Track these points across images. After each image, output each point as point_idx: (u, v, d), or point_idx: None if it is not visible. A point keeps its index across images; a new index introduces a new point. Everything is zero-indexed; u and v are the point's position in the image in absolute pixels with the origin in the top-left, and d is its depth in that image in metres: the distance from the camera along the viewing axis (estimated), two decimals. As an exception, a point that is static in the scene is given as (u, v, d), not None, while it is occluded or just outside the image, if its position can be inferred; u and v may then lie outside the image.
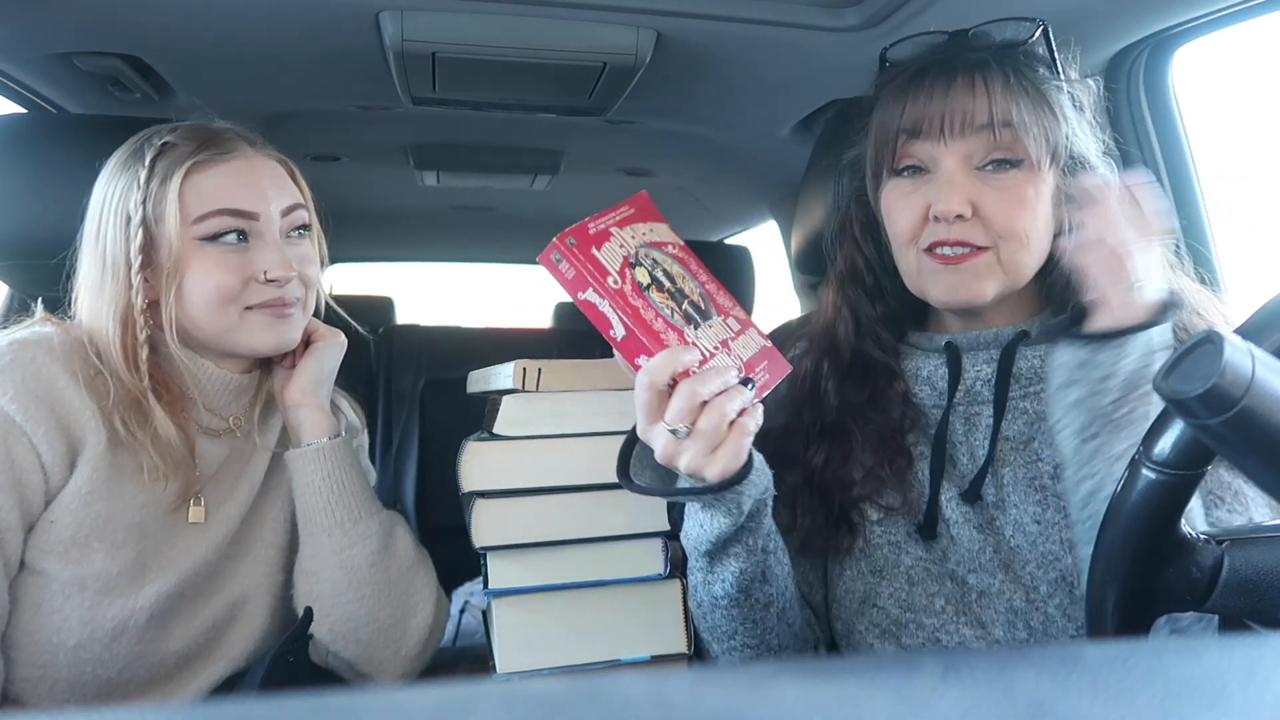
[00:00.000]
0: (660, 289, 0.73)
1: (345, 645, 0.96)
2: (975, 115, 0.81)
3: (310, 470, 0.96)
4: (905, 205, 0.85)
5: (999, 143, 0.81)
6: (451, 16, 1.15)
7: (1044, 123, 0.82)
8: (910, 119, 0.83)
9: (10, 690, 0.87)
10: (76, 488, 0.86)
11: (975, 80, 0.81)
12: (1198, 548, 0.55)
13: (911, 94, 0.83)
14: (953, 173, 0.82)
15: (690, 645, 0.91)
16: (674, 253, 0.78)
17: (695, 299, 0.76)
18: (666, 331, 0.71)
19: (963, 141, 0.82)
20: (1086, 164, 0.85)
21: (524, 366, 0.86)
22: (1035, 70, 0.84)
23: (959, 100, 0.81)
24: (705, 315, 0.75)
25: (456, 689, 0.22)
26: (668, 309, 0.73)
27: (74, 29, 1.21)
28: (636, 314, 0.70)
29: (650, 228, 0.78)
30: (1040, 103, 0.82)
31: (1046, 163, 0.82)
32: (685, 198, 2.51)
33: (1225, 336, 0.43)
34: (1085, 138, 0.86)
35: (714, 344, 0.74)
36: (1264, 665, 0.24)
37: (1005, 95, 0.81)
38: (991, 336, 0.89)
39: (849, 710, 0.21)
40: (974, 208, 0.81)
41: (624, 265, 0.72)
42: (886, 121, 0.85)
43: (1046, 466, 0.84)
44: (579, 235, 0.70)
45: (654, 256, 0.75)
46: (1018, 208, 0.82)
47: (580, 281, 0.70)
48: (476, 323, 2.62)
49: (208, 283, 0.90)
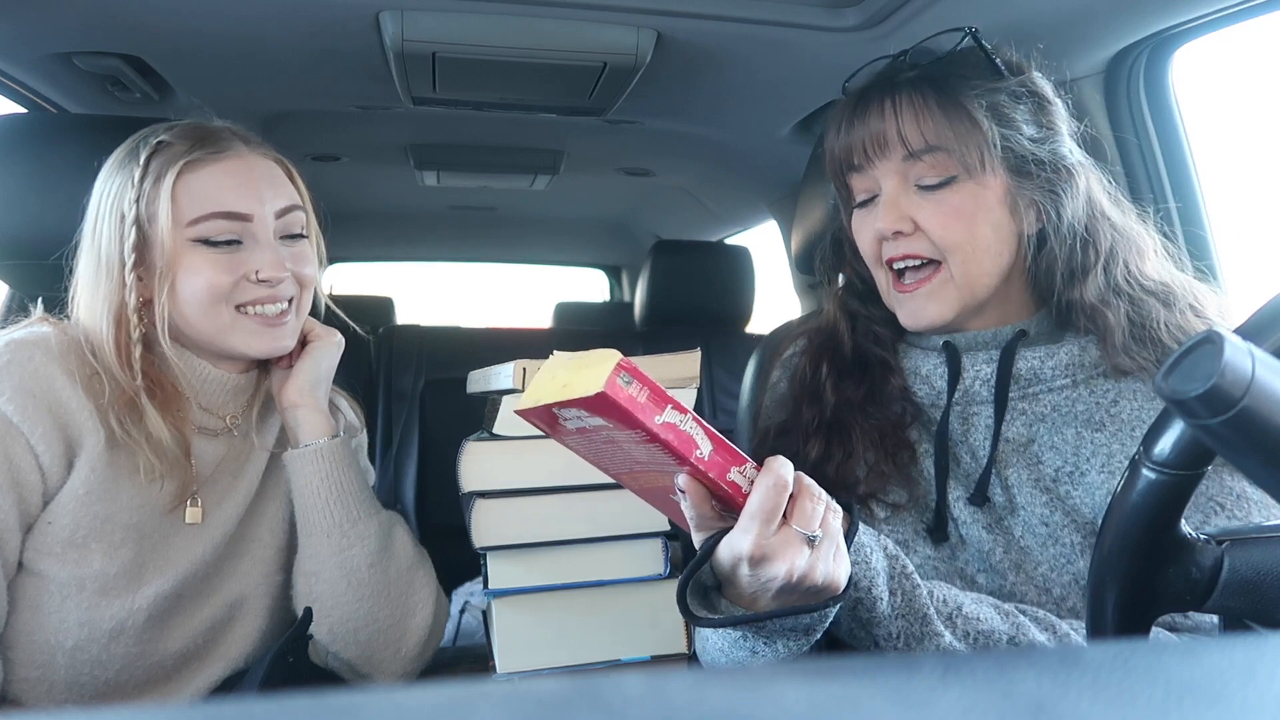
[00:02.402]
0: None
1: (345, 646, 0.96)
2: (888, 139, 0.84)
3: (308, 471, 0.96)
4: (863, 230, 0.91)
5: (924, 164, 0.84)
6: (451, 16, 1.15)
7: (964, 134, 0.83)
8: (842, 149, 0.89)
9: (9, 691, 0.87)
10: (74, 488, 0.86)
11: (885, 104, 0.85)
12: (1198, 548, 0.55)
13: (842, 124, 0.89)
14: (891, 193, 0.86)
15: (690, 645, 0.91)
16: None
17: None
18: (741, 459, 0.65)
19: (890, 163, 0.85)
20: (1039, 162, 0.85)
21: (524, 366, 0.86)
22: (965, 79, 0.85)
23: (872, 125, 0.85)
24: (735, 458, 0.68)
25: (456, 689, 0.22)
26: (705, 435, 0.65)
27: (74, 29, 1.21)
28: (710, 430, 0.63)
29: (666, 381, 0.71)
30: (957, 114, 0.83)
31: (980, 170, 0.83)
32: (685, 198, 2.52)
33: (1225, 336, 0.43)
34: (1041, 134, 0.86)
35: None
36: (1264, 665, 0.24)
37: (914, 116, 0.84)
38: (990, 336, 0.89)
39: (849, 710, 0.21)
40: (914, 223, 0.85)
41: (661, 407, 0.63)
42: (830, 155, 0.91)
43: (1048, 469, 0.84)
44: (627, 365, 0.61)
45: None
46: (954, 220, 0.84)
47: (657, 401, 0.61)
48: (476, 323, 2.62)
49: (199, 281, 0.90)
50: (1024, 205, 0.86)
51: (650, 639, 0.91)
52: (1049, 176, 0.85)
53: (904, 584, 0.72)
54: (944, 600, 0.73)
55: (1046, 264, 0.87)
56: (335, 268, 3.29)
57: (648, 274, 2.18)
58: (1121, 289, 0.86)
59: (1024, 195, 0.85)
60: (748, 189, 2.16)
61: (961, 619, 0.72)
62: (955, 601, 0.73)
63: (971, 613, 0.73)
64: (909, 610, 0.71)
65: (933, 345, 0.92)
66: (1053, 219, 0.86)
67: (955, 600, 0.73)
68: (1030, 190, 0.85)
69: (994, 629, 0.72)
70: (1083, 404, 0.85)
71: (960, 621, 0.72)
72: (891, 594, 0.71)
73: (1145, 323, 0.84)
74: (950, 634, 0.71)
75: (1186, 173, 1.27)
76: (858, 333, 0.96)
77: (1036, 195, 0.85)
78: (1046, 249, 0.87)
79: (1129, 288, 0.86)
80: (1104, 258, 0.86)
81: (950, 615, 0.72)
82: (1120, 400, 0.85)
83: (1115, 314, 0.84)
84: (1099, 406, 0.85)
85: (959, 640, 0.71)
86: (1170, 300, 0.86)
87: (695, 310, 2.17)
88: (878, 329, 0.95)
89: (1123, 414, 0.84)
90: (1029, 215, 0.86)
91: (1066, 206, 0.85)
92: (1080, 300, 0.86)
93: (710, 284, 2.18)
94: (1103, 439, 0.83)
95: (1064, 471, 0.83)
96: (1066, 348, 0.87)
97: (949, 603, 0.73)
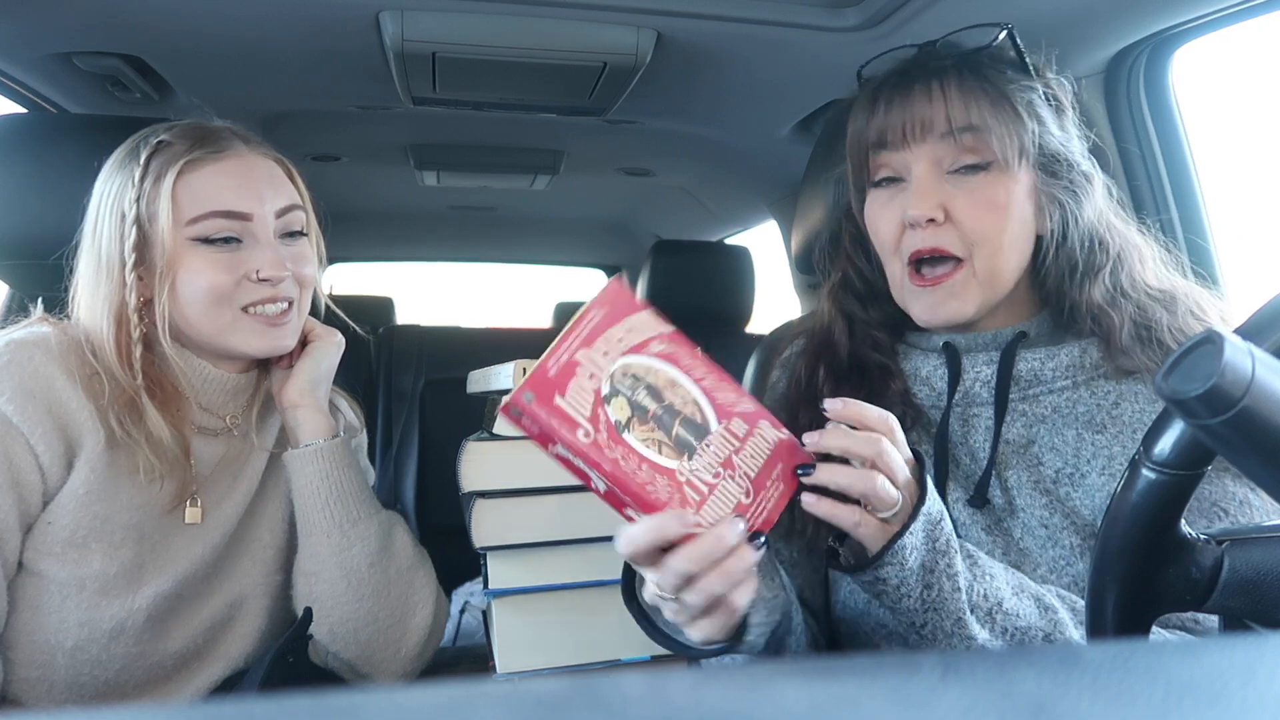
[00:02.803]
0: (644, 419, 0.63)
1: (345, 646, 0.96)
2: (934, 120, 0.83)
3: (309, 471, 0.96)
4: (884, 215, 0.88)
5: (962, 145, 0.83)
6: (451, 16, 1.16)
7: (1007, 122, 0.82)
8: (875, 130, 0.86)
9: (9, 691, 0.87)
10: (74, 488, 0.86)
11: (932, 86, 0.83)
12: (1198, 548, 0.55)
13: (873, 107, 0.86)
14: (922, 178, 0.84)
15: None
16: (660, 350, 0.65)
17: (690, 412, 0.65)
18: (654, 480, 0.61)
19: (927, 147, 0.84)
20: (1063, 159, 0.86)
21: (524, 366, 0.86)
22: (1001, 72, 0.85)
23: (917, 107, 0.83)
24: (702, 431, 0.65)
25: (456, 689, 0.22)
26: (654, 445, 0.62)
27: (74, 29, 1.21)
28: (616, 466, 0.60)
29: (628, 327, 0.65)
30: (1002, 103, 0.83)
31: (1016, 162, 0.83)
32: (685, 198, 2.52)
33: (1225, 336, 0.43)
34: (1064, 135, 0.87)
35: (714, 471, 0.64)
36: (1264, 665, 0.24)
37: (962, 98, 0.83)
38: (990, 338, 0.89)
39: (849, 710, 0.21)
40: (945, 211, 0.83)
41: (596, 404, 0.61)
42: (856, 135, 0.88)
43: (1048, 470, 0.84)
44: (537, 387, 0.60)
45: (634, 373, 0.64)
46: (988, 210, 0.83)
47: (545, 438, 0.60)
48: (476, 323, 2.63)
49: (200, 282, 0.90)
50: (1047, 203, 0.86)
51: (650, 639, 0.91)
52: (1073, 177, 0.86)
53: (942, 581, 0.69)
54: (985, 595, 0.71)
55: (1056, 266, 0.87)
56: (335, 268, 3.29)
57: (648, 274, 2.18)
58: (1127, 293, 0.86)
59: (1048, 194, 0.85)
60: (748, 189, 2.16)
61: (1001, 614, 0.71)
62: (996, 596, 0.71)
63: (1011, 608, 0.71)
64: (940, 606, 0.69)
65: (933, 346, 0.92)
66: (1072, 219, 0.86)
67: (996, 595, 0.71)
68: (1055, 189, 0.85)
69: (1030, 625, 0.71)
70: (1084, 405, 0.85)
71: (1000, 617, 0.71)
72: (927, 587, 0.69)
73: (1148, 325, 0.85)
74: (988, 631, 0.70)
75: (1187, 173, 1.27)
76: (855, 338, 0.95)
77: (1060, 194, 0.85)
78: (1059, 251, 0.87)
79: (1133, 292, 0.86)
80: (1112, 261, 0.87)
81: (991, 611, 0.71)
82: (1122, 402, 0.84)
83: (1120, 315, 0.85)
84: (1100, 408, 0.85)
85: (996, 637, 0.70)
86: (1173, 305, 0.86)
87: (695, 310, 2.17)
88: (876, 334, 0.95)
89: (1124, 415, 0.84)
90: (1050, 214, 0.86)
91: (1085, 208, 0.86)
92: (1087, 302, 0.86)
93: (710, 284, 2.18)
94: (1104, 440, 0.83)
95: (1064, 473, 0.83)
96: (1067, 349, 0.87)
97: (991, 597, 0.71)
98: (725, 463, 0.65)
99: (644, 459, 0.61)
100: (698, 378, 0.66)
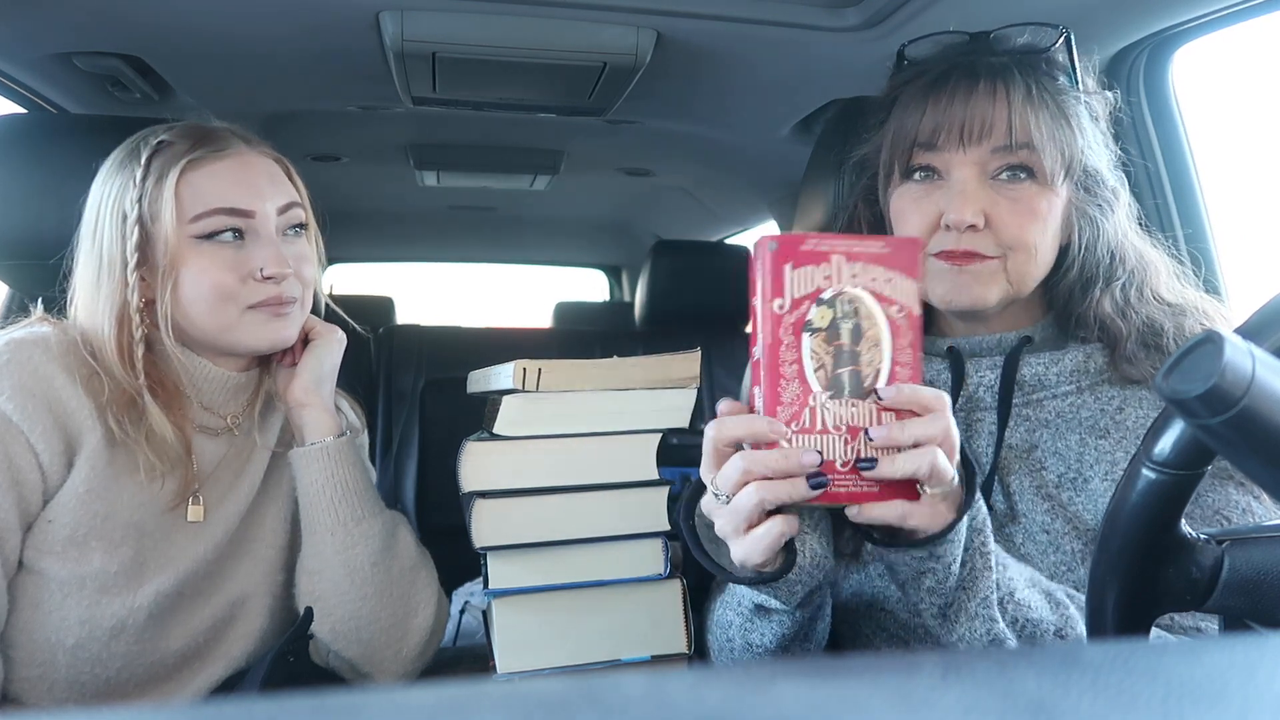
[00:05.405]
0: (829, 340, 0.64)
1: (346, 645, 0.96)
2: (994, 125, 0.80)
3: (314, 469, 0.96)
4: (917, 210, 0.85)
5: (1015, 154, 0.81)
6: (451, 16, 1.16)
7: (1061, 137, 0.81)
8: (930, 124, 0.82)
9: (9, 690, 0.87)
10: (74, 487, 0.86)
11: (997, 88, 0.80)
12: (1198, 548, 0.55)
13: (933, 98, 0.82)
14: (967, 181, 0.81)
15: (690, 645, 0.91)
16: (894, 316, 0.65)
17: (867, 373, 0.65)
18: (792, 381, 0.63)
19: (979, 150, 0.81)
20: (1099, 177, 0.85)
21: (524, 366, 0.86)
22: (1056, 80, 0.83)
23: (980, 108, 0.80)
24: (860, 394, 0.65)
25: (456, 689, 0.22)
26: (815, 361, 0.64)
27: (74, 29, 1.21)
28: (776, 348, 0.63)
29: (890, 277, 0.65)
30: (1059, 116, 0.81)
31: (1060, 176, 0.82)
32: (685, 198, 2.52)
33: (1225, 336, 0.43)
34: (1099, 150, 0.86)
35: (837, 424, 0.64)
36: (1264, 665, 0.24)
37: (1025, 107, 0.80)
38: (995, 342, 0.89)
39: (849, 710, 0.21)
40: (986, 218, 0.81)
41: (809, 296, 0.63)
42: (905, 124, 0.84)
43: (1051, 475, 0.83)
44: (784, 243, 0.63)
45: (858, 308, 0.65)
46: (1030, 219, 0.81)
47: (751, 286, 0.64)
48: (476, 323, 2.62)
49: (204, 281, 0.90)
50: (1078, 217, 0.85)
51: (650, 639, 0.91)
52: (1104, 195, 0.85)
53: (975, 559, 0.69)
54: (998, 583, 0.71)
55: (1073, 276, 0.86)
56: (335, 268, 3.29)
57: (648, 274, 2.18)
58: (1136, 305, 0.86)
59: (1081, 209, 0.85)
60: (748, 189, 2.16)
61: (1013, 604, 0.70)
62: (1008, 586, 0.71)
63: (1023, 599, 0.71)
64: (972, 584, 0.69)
65: (936, 350, 0.91)
66: (1098, 233, 0.85)
67: (1009, 585, 0.71)
68: (1087, 205, 0.85)
69: (1042, 619, 0.71)
70: (1087, 410, 0.84)
71: (1011, 607, 0.70)
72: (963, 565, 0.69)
73: (1155, 334, 0.84)
74: (1001, 619, 0.70)
75: (1187, 173, 1.27)
76: None
77: (1091, 210, 0.85)
78: (1080, 262, 0.86)
79: (1143, 304, 0.86)
80: (1127, 275, 0.86)
81: (1003, 600, 0.70)
82: (1125, 407, 0.84)
83: (1128, 326, 0.84)
84: (1104, 413, 0.84)
85: (1008, 626, 0.70)
86: (1181, 317, 0.86)
87: (695, 310, 2.17)
88: None
89: (1128, 421, 0.83)
90: (1080, 227, 0.85)
91: (1110, 223, 0.85)
92: (1096, 311, 0.85)
93: (710, 284, 2.17)
94: (1107, 446, 0.82)
95: (1066, 478, 0.82)
96: (1071, 354, 0.86)
97: (1002, 586, 0.70)
98: (852, 430, 0.65)
99: (800, 363, 0.64)
100: (900, 362, 0.66)
